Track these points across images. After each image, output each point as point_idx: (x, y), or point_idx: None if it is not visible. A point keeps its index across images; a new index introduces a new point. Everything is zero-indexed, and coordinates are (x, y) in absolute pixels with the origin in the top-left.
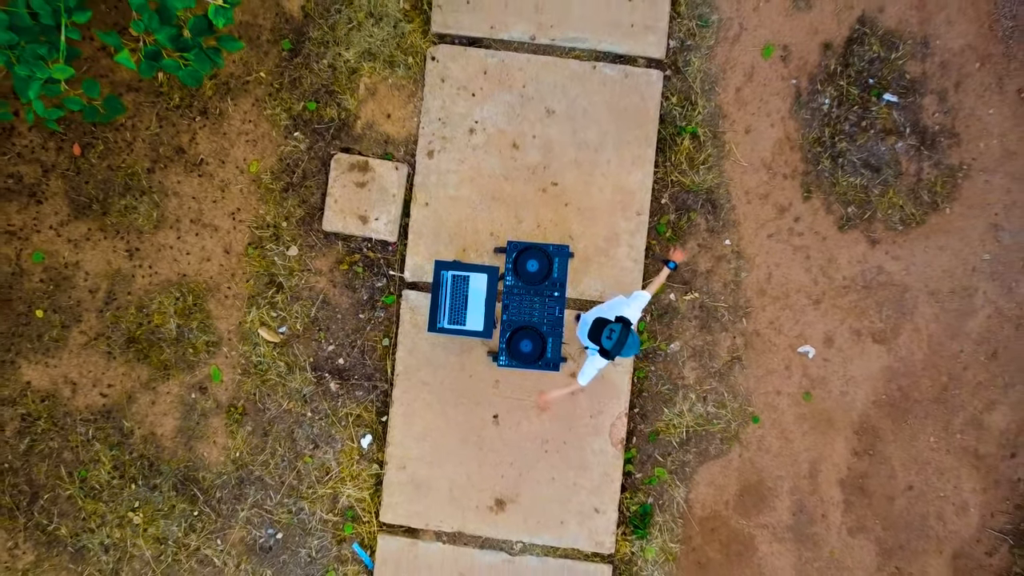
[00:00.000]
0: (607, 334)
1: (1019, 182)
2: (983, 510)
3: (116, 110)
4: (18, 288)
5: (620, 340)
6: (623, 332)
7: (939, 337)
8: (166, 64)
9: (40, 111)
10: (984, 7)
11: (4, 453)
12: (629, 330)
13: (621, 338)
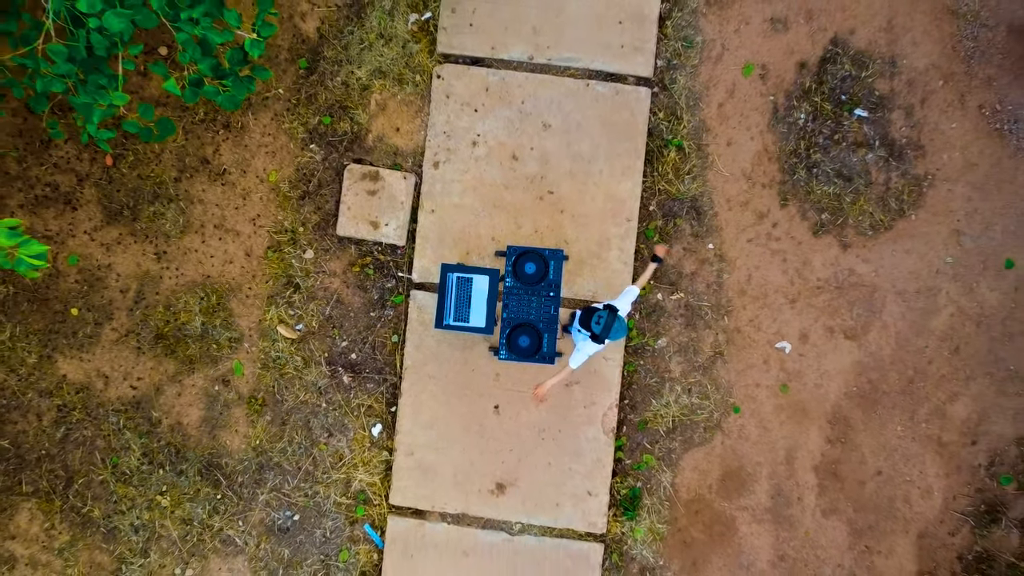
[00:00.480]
0: (596, 319)
1: (979, 191)
2: (946, 493)
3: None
4: (54, 288)
5: (607, 324)
6: (610, 317)
7: (906, 334)
8: (207, 90)
9: (94, 132)
10: (947, 29)
11: (42, 441)
12: (616, 315)
13: (608, 322)
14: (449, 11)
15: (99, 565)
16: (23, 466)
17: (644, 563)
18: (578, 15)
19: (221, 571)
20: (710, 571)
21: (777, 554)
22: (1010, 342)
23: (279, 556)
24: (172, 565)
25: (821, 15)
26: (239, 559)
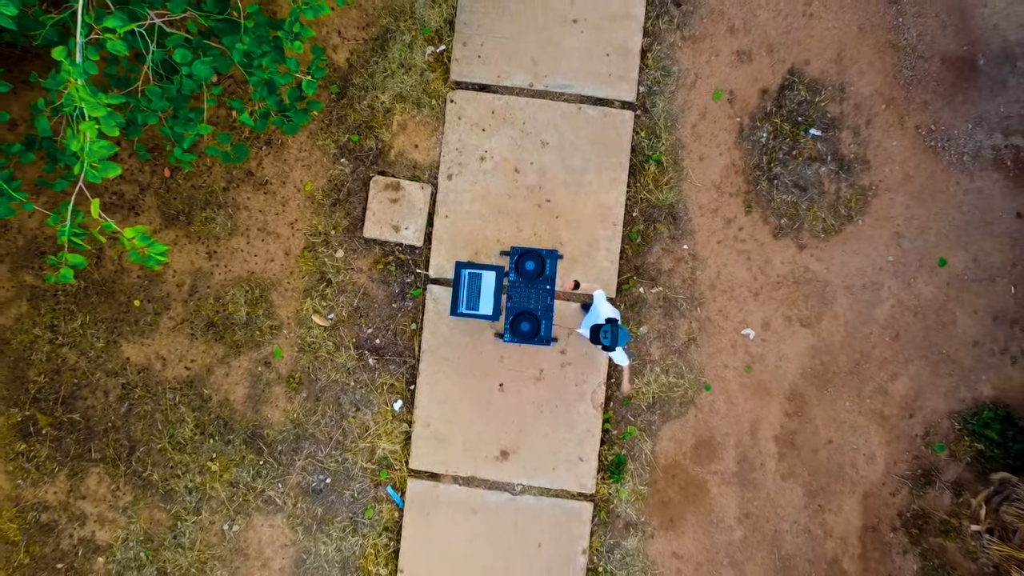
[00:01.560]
0: (603, 336)
1: (916, 199)
2: (887, 460)
3: (242, 154)
4: (120, 283)
5: (613, 336)
6: (613, 330)
7: (853, 323)
8: (274, 121)
9: (180, 155)
10: (889, 60)
11: (108, 415)
12: (618, 326)
13: (613, 334)
14: (461, 45)
15: (158, 522)
16: (92, 436)
17: (628, 519)
18: (571, 48)
19: (263, 527)
20: (685, 527)
21: (743, 512)
22: (943, 330)
23: (313, 514)
24: (220, 522)
25: (780, 48)
26: (278, 516)
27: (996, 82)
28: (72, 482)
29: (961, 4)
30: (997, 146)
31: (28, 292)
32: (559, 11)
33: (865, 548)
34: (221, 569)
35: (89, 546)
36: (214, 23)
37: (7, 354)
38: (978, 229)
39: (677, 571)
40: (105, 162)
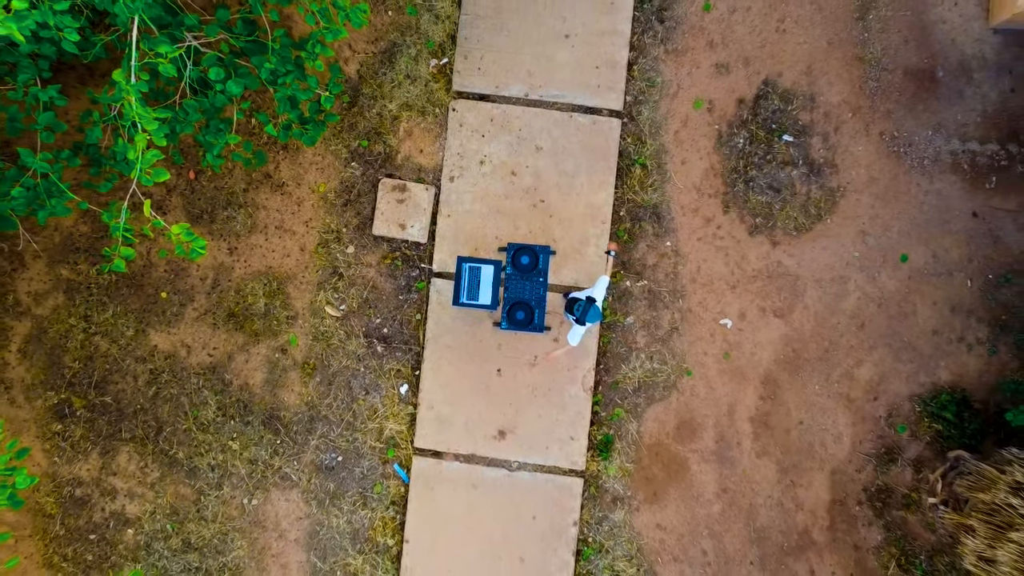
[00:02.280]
0: (576, 307)
1: (880, 200)
2: (854, 439)
3: (262, 160)
4: (148, 277)
5: (584, 311)
6: (586, 306)
7: (822, 313)
8: (295, 132)
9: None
10: (855, 72)
11: (137, 398)
12: (592, 304)
13: (585, 309)
14: (462, 58)
15: (183, 496)
16: (122, 417)
17: (615, 494)
18: (564, 61)
19: (280, 501)
20: (668, 501)
21: (721, 487)
22: (904, 320)
23: (326, 489)
24: (241, 496)
25: (755, 61)
26: (294, 491)
27: (954, 92)
28: (104, 460)
29: (922, 21)
30: (955, 151)
31: (64, 285)
32: (552, 27)
33: (833, 520)
34: (241, 540)
35: (119, 519)
36: (244, 44)
37: (45, 342)
38: (937, 227)
39: (660, 541)
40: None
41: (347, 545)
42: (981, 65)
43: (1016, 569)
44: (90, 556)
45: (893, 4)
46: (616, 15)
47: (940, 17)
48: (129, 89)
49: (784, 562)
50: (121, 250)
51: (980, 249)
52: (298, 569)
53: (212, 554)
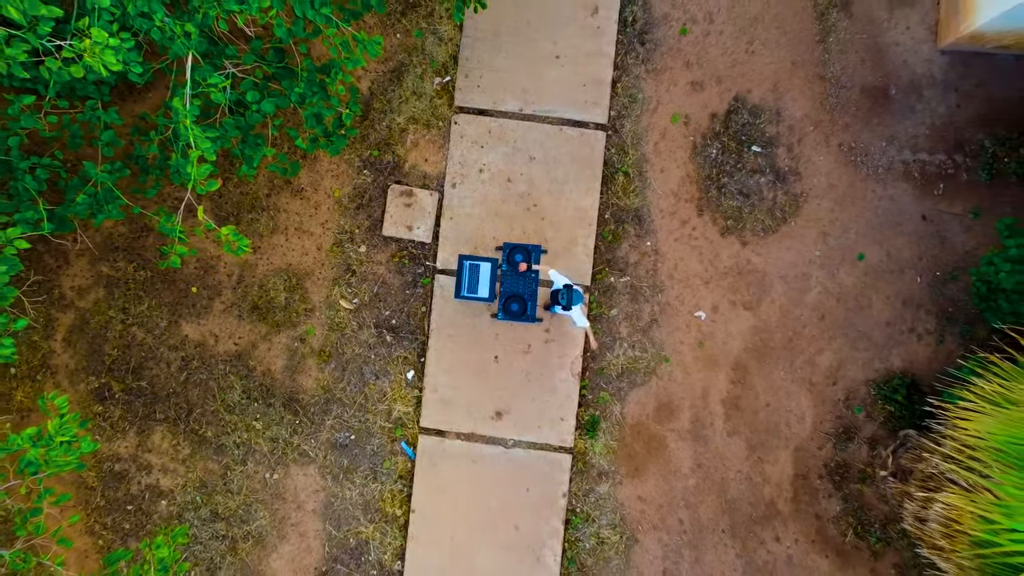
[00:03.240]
0: (561, 297)
1: (839, 204)
2: (815, 419)
3: (296, 170)
4: (180, 273)
5: (568, 297)
6: (568, 292)
7: (787, 306)
8: (320, 144)
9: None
10: (817, 89)
11: (170, 382)
12: (572, 288)
13: (568, 295)
14: (463, 76)
15: (211, 471)
16: (156, 400)
17: (601, 469)
18: (554, 79)
19: (298, 475)
20: (648, 475)
21: (695, 463)
22: (860, 312)
23: (340, 464)
24: (263, 471)
25: (727, 80)
26: (311, 467)
27: (906, 108)
28: (140, 438)
29: (877, 43)
30: (906, 161)
31: (104, 280)
32: (544, 49)
33: (796, 493)
34: (263, 510)
35: (154, 491)
36: (275, 70)
37: (87, 332)
38: (890, 229)
39: (641, 512)
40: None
41: (359, 515)
42: (930, 83)
43: (941, 525)
44: (127, 525)
45: (851, 28)
46: (601, 38)
47: (893, 40)
48: (186, 114)
49: (752, 530)
50: (178, 248)
51: (929, 249)
52: (315, 537)
53: (237, 523)
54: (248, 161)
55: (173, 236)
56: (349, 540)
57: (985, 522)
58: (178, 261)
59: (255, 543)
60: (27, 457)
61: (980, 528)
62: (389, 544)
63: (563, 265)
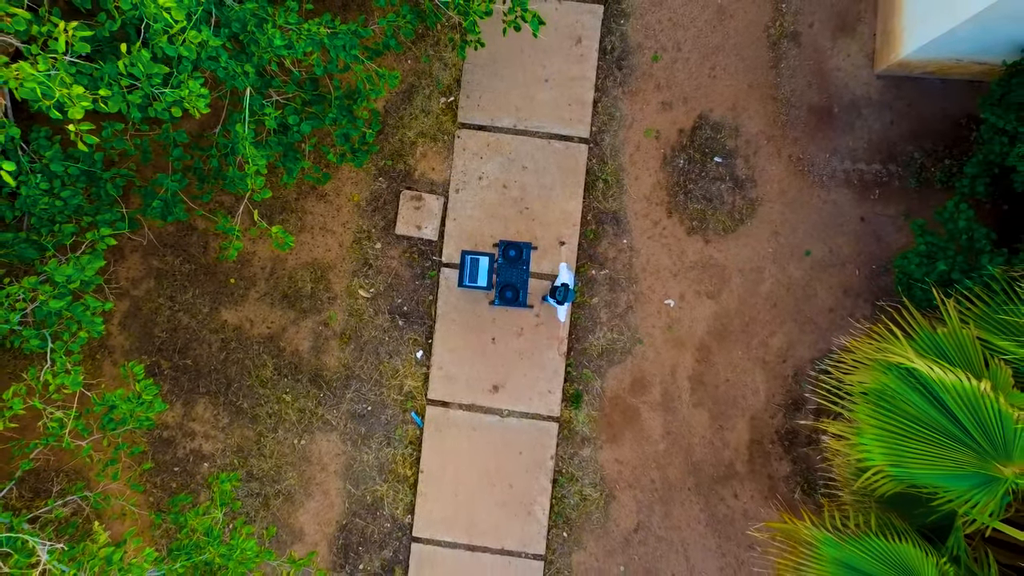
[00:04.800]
0: (558, 293)
1: (789, 208)
2: (768, 393)
3: (327, 179)
4: (220, 266)
5: (564, 295)
6: (563, 289)
7: (744, 295)
8: (348, 159)
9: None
10: (770, 108)
11: (211, 361)
12: (568, 288)
13: (563, 293)
14: (465, 97)
15: (247, 438)
16: (199, 376)
17: (583, 435)
18: (544, 100)
19: (322, 441)
20: (624, 441)
21: (665, 430)
22: (807, 301)
23: (358, 432)
24: (292, 438)
25: (692, 100)
26: (333, 434)
27: (846, 124)
28: (185, 409)
29: (822, 69)
30: (847, 170)
31: (154, 272)
32: (535, 74)
33: (752, 456)
34: (292, 472)
35: (197, 455)
36: (310, 96)
37: (139, 317)
38: (833, 229)
39: (618, 472)
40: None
41: (375, 475)
42: (868, 103)
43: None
44: (174, 484)
45: (799, 56)
46: (584, 64)
47: (836, 66)
48: (245, 136)
49: (714, 488)
50: (236, 244)
51: (866, 246)
52: (336, 494)
53: (269, 483)
54: (289, 172)
55: (232, 234)
56: (366, 497)
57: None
58: (235, 254)
59: (285, 500)
60: (116, 411)
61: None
62: (401, 500)
63: (549, 260)
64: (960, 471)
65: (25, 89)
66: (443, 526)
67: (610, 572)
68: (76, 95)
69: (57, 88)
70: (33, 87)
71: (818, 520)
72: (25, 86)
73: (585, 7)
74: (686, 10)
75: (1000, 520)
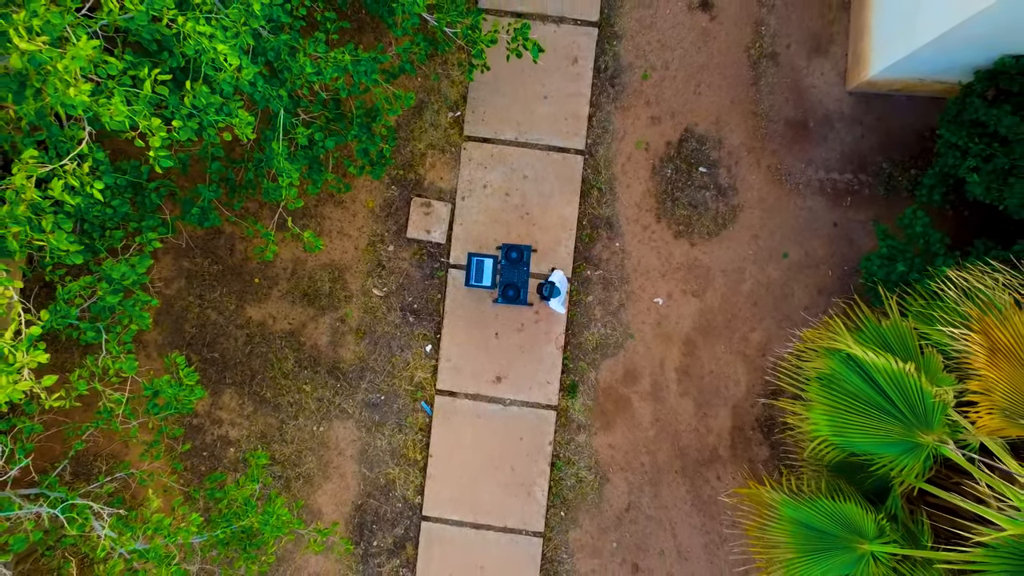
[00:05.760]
0: (545, 290)
1: (768, 213)
2: (748, 384)
3: (347, 189)
4: (245, 267)
5: (550, 291)
6: (549, 287)
7: (726, 294)
8: (367, 171)
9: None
10: (750, 122)
11: (237, 354)
12: (552, 285)
13: (549, 290)
14: (471, 112)
15: (270, 424)
16: (226, 368)
17: (579, 423)
18: (543, 114)
19: (339, 428)
20: (616, 428)
21: (654, 418)
22: (785, 300)
23: (372, 419)
24: (311, 425)
25: (679, 114)
26: (349, 422)
27: (820, 137)
28: (213, 398)
29: (798, 86)
30: (821, 179)
31: (185, 273)
32: (535, 90)
33: (734, 441)
34: (311, 456)
35: (224, 440)
36: (334, 115)
37: (171, 314)
38: (808, 233)
39: (611, 456)
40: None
41: (387, 459)
42: (840, 118)
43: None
44: (203, 467)
45: (777, 74)
46: (580, 81)
47: (811, 83)
48: (280, 152)
49: (699, 471)
50: (272, 247)
51: (839, 249)
52: (352, 477)
53: (291, 466)
54: (314, 183)
55: (268, 239)
56: (379, 479)
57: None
58: (271, 256)
59: (305, 482)
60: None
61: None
62: (411, 482)
63: (548, 261)
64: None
65: (115, 121)
66: (450, 506)
67: (604, 548)
68: (155, 126)
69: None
70: (122, 120)
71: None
72: (115, 119)
73: (581, 29)
74: (673, 32)
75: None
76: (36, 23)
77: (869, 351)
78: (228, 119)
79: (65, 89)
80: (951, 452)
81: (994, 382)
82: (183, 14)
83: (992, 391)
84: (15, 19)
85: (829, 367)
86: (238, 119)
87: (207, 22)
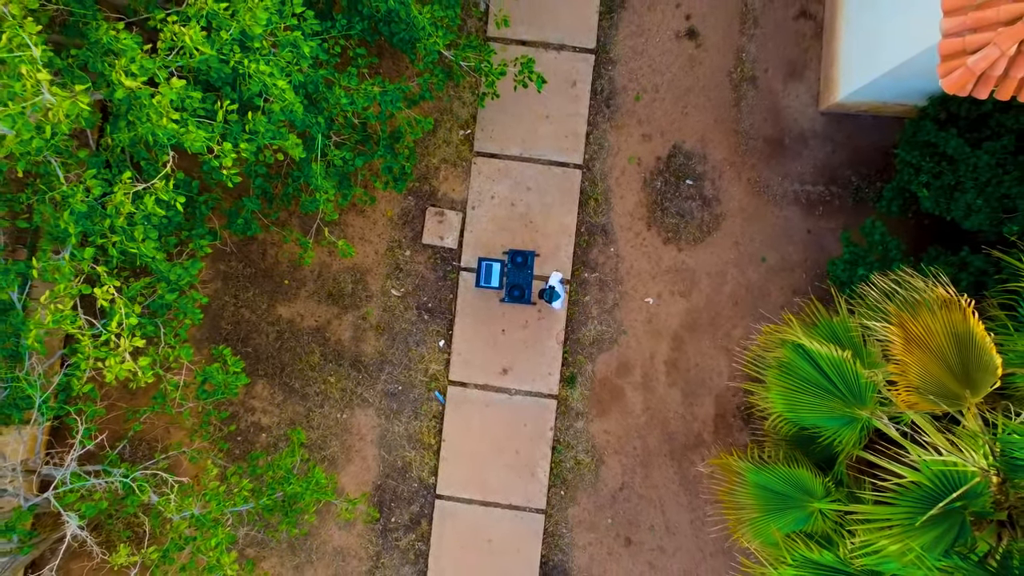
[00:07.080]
0: (545, 293)
1: (748, 221)
2: (730, 375)
3: (372, 201)
4: (276, 270)
5: (549, 295)
6: (548, 291)
7: (711, 294)
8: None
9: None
10: (732, 140)
11: (268, 349)
12: (553, 290)
13: (549, 293)
14: (480, 130)
15: (298, 412)
16: (259, 361)
17: (577, 410)
18: (545, 133)
19: (361, 416)
20: (611, 415)
21: (645, 406)
22: (763, 300)
23: (391, 408)
24: (336, 413)
25: (668, 133)
26: (370, 410)
27: (795, 153)
28: (247, 388)
29: (775, 106)
30: (796, 191)
31: (221, 275)
32: (537, 111)
33: (717, 428)
34: (335, 440)
35: (256, 426)
36: (362, 137)
37: (208, 312)
38: (784, 239)
39: (607, 441)
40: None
41: (404, 443)
42: (813, 135)
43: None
44: (238, 451)
45: (757, 96)
46: (578, 103)
47: (787, 104)
48: (319, 171)
49: (686, 454)
50: (310, 253)
51: (812, 254)
52: (372, 460)
53: (317, 449)
54: (344, 197)
55: (306, 246)
56: (397, 462)
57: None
58: (309, 261)
59: (329, 464)
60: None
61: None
62: (426, 464)
63: (550, 265)
64: (832, 414)
65: (196, 146)
66: (461, 485)
67: (600, 523)
68: (227, 149)
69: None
70: (201, 144)
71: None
72: (195, 144)
73: (579, 56)
74: (663, 58)
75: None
76: (134, 68)
77: (816, 341)
78: (280, 142)
79: (159, 120)
80: (881, 424)
81: (908, 365)
82: (246, 56)
83: (907, 373)
84: (118, 64)
85: (784, 355)
86: (289, 141)
87: (266, 63)
